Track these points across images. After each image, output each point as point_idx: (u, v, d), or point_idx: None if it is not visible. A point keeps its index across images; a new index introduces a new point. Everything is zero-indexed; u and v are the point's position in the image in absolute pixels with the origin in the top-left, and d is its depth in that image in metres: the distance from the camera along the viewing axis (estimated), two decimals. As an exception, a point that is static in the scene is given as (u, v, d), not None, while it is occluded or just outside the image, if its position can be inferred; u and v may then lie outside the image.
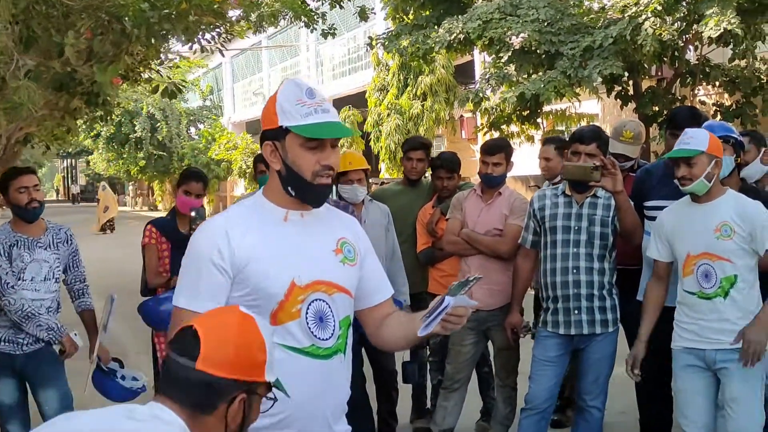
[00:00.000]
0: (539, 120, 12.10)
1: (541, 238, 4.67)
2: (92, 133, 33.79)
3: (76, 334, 4.64)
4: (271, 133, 2.43)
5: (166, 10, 5.86)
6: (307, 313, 2.40)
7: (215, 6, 6.16)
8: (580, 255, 4.51)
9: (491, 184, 5.13)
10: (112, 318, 4.83)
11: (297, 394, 2.30)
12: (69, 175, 67.92)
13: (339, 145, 2.48)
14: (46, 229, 4.74)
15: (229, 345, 1.82)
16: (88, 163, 47.44)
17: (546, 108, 12.14)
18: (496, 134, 11.35)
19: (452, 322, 2.37)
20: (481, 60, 16.12)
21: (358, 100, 22.45)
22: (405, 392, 5.99)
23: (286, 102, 2.39)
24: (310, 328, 2.40)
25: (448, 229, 5.28)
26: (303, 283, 2.40)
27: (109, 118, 8.69)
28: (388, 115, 19.07)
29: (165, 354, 1.85)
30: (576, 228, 4.53)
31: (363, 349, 5.24)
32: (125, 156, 35.23)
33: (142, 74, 7.54)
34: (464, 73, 18.98)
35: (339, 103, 25.05)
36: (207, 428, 1.82)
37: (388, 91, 19.33)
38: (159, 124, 33.46)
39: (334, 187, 5.06)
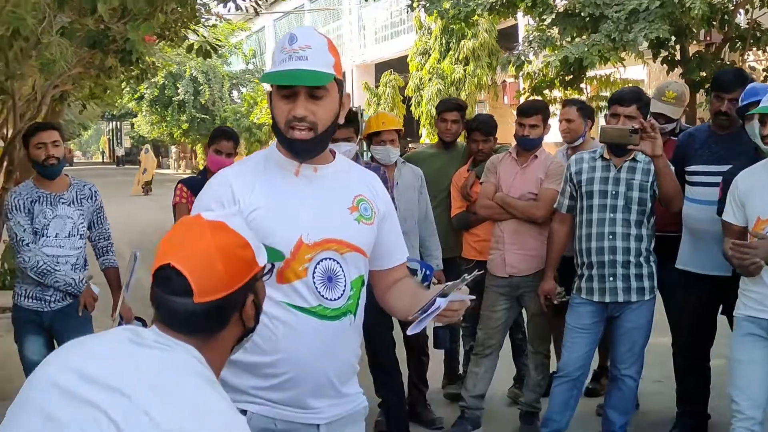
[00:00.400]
0: (583, 85, 11.86)
1: (577, 203, 4.55)
2: (136, 96, 34.00)
3: (88, 281, 4.63)
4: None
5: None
6: (314, 272, 2.29)
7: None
8: (616, 220, 4.39)
9: (527, 146, 5.00)
10: (135, 276, 4.80)
11: (303, 354, 2.26)
12: (114, 138, 68.57)
13: (321, 96, 2.27)
14: (70, 185, 4.71)
15: (215, 266, 1.70)
16: (132, 125, 47.79)
17: (590, 73, 11.89)
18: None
19: (447, 316, 2.31)
20: (525, 24, 15.84)
21: (400, 65, 22.26)
22: (437, 358, 5.93)
23: (275, 50, 2.30)
24: (317, 287, 2.29)
25: (481, 193, 5.17)
26: (312, 240, 2.29)
27: (145, 77, 8.65)
28: (430, 79, 18.89)
29: (153, 293, 1.73)
30: (613, 193, 4.40)
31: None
32: (168, 119, 35.38)
33: (177, 33, 7.47)
34: (508, 38, 18.68)
35: (381, 68, 24.92)
36: (224, 341, 1.78)
37: (430, 56, 19.12)
38: (202, 87, 33.52)
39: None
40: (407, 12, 12.62)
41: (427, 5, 11.86)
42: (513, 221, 4.99)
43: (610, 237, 4.38)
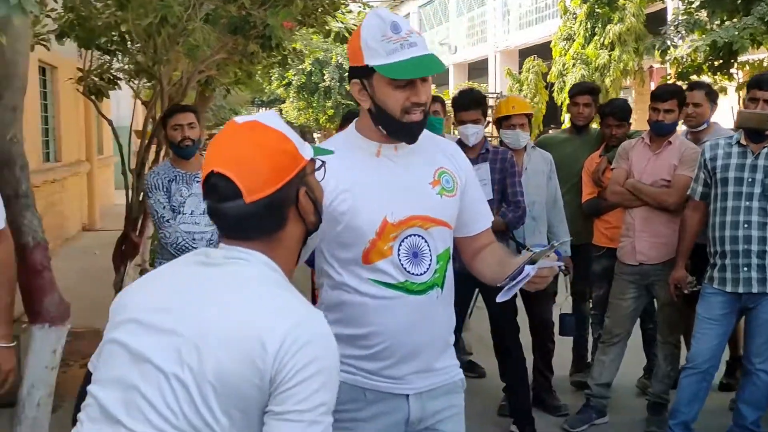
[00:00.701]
0: (733, 71, 11.37)
1: (712, 190, 4.41)
2: (284, 82, 34.90)
3: None
4: (358, 71, 2.32)
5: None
6: (399, 250, 2.33)
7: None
8: (752, 209, 4.23)
9: (661, 132, 4.87)
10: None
11: (393, 327, 2.32)
12: (264, 123, 70.67)
13: (427, 80, 2.30)
14: None
15: (257, 163, 1.68)
16: (280, 111, 49.08)
17: (742, 58, 11.39)
18: (685, 86, 10.78)
19: (536, 282, 2.30)
20: (673, 7, 15.31)
21: (544, 50, 21.94)
22: (566, 345, 5.89)
23: (370, 38, 2.25)
24: (402, 264, 2.33)
25: (612, 179, 5.08)
26: (396, 219, 2.33)
27: (287, 63, 8.87)
28: (573, 65, 18.50)
29: (209, 205, 1.75)
30: (749, 180, 4.24)
31: (519, 299, 5.18)
32: (315, 105, 36.12)
33: (318, 20, 7.64)
34: (656, 22, 18.04)
35: (524, 53, 24.62)
36: (288, 239, 1.77)
37: (574, 41, 18.74)
38: (347, 73, 34.03)
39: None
40: (550, -4, 12.44)
41: (571, -11, 11.66)
42: (644, 208, 4.89)
43: (746, 226, 4.23)
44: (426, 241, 2.37)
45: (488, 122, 5.38)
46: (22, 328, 5.26)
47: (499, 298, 2.36)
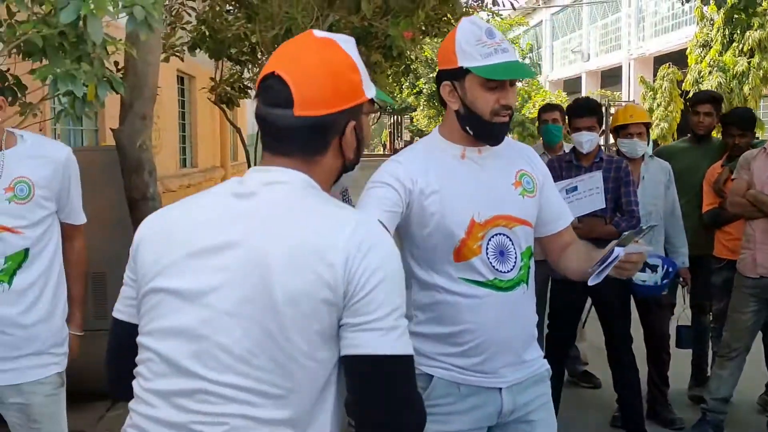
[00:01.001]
0: None
1: (835, 202, 4.27)
2: (414, 90, 35.22)
3: None
4: (450, 73, 2.43)
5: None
6: (487, 248, 2.43)
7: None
8: None
9: (785, 142, 4.74)
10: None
11: (483, 324, 2.42)
12: (395, 131, 71.33)
13: (513, 85, 2.44)
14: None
15: (320, 80, 1.61)
16: (411, 119, 49.51)
17: None
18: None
19: (626, 268, 2.36)
20: (817, 12, 14.66)
21: (680, 58, 21.37)
22: (685, 359, 5.78)
23: (465, 42, 2.38)
24: (491, 262, 2.43)
25: (733, 190, 4.97)
26: (482, 219, 2.42)
27: (409, 72, 9.04)
28: (710, 72, 17.97)
29: (257, 109, 1.69)
30: None
31: (635, 310, 5.13)
32: (444, 113, 36.29)
33: (440, 30, 7.77)
34: (799, 27, 17.36)
35: (659, 61, 24.04)
36: (324, 168, 1.68)
37: (711, 48, 18.19)
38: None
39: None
40: (682, 4, 12.13)
41: (705, -5, 11.39)
42: (765, 220, 4.75)
43: None
44: (511, 240, 2.47)
45: (603, 130, 5.35)
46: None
47: (591, 282, 2.42)
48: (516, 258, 2.47)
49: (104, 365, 1.78)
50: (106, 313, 5.72)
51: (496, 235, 2.45)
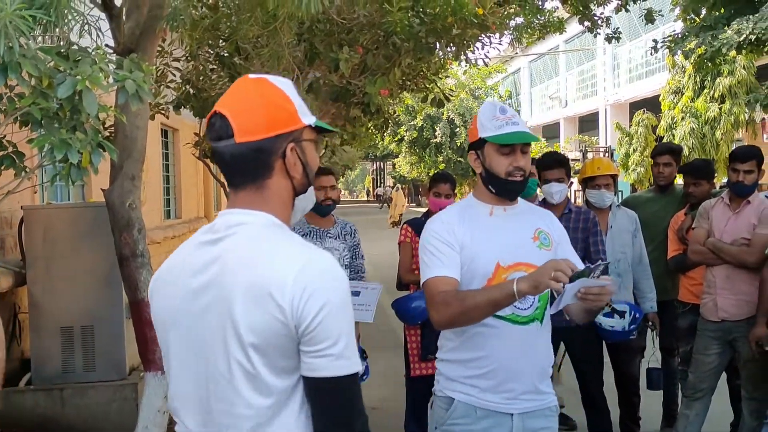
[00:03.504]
0: None
1: (789, 249, 4.52)
2: (396, 138, 35.60)
3: None
4: (474, 144, 3.01)
5: (433, 25, 6.30)
6: None
7: (480, 19, 6.49)
8: (828, 267, 4.31)
9: (741, 192, 4.99)
10: (374, 306, 5.31)
11: (499, 352, 2.88)
12: (378, 177, 71.80)
13: (526, 152, 2.97)
14: (335, 222, 5.40)
15: (255, 110, 1.85)
16: (393, 166, 49.89)
17: None
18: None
19: (590, 300, 2.63)
20: (783, 59, 15.13)
21: (653, 104, 21.84)
22: (656, 400, 5.98)
23: (484, 118, 2.96)
24: None
25: (693, 238, 5.22)
26: (506, 264, 2.89)
27: (388, 126, 9.33)
28: (683, 118, 18.41)
29: (212, 148, 1.94)
30: (825, 239, 4.33)
31: (606, 354, 5.35)
32: (426, 159, 36.70)
33: (417, 84, 8.06)
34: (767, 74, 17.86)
35: (634, 107, 24.50)
36: (276, 191, 1.89)
37: (683, 94, 18.66)
38: (458, 129, 34.52)
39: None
40: (651, 53, 12.49)
41: (672, 46, 11.75)
42: (725, 266, 4.99)
43: (822, 284, 4.32)
44: None
45: (571, 182, 5.61)
46: (139, 376, 5.75)
47: (550, 312, 2.86)
48: (534, 298, 2.90)
49: None
50: (94, 366, 5.91)
51: None
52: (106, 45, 4.31)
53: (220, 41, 6.61)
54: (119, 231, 4.29)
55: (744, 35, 10.26)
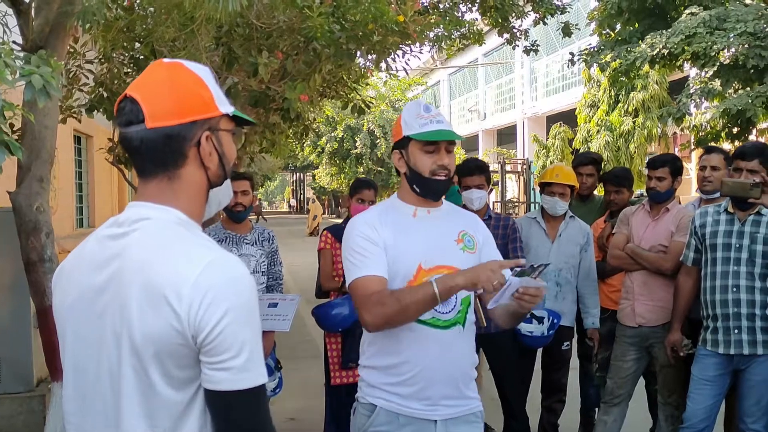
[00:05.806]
0: (752, 138, 11.56)
1: (702, 256, 4.59)
2: (317, 149, 35.53)
3: None
4: (398, 144, 2.98)
5: (354, 31, 6.25)
6: None
7: (401, 27, 6.47)
8: (740, 273, 4.39)
9: (656, 199, 5.07)
10: (292, 316, 5.22)
11: (420, 357, 2.82)
12: (298, 188, 71.50)
13: (451, 151, 2.95)
14: (252, 228, 5.29)
15: (167, 94, 1.73)
16: (313, 176, 49.78)
17: (762, 125, 11.58)
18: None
19: (525, 300, 2.62)
20: (693, 76, 15.58)
21: (570, 117, 22.26)
22: (574, 406, 6.02)
23: (408, 117, 2.94)
24: None
25: (612, 244, 5.28)
26: (428, 266, 2.85)
27: (307, 134, 9.26)
28: (598, 131, 18.81)
29: (119, 134, 1.81)
30: (737, 246, 4.42)
31: (538, 362, 5.39)
32: (346, 170, 36.73)
33: (338, 92, 8.00)
34: (679, 89, 18.33)
35: (551, 120, 24.91)
36: (188, 181, 1.79)
37: (598, 108, 19.07)
38: (378, 140, 34.64)
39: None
40: (568, 66, 12.74)
41: (588, 59, 11.98)
42: (643, 272, 5.06)
43: (734, 289, 4.39)
44: None
45: (491, 189, 5.62)
46: (47, 387, 5.53)
47: (489, 306, 2.78)
48: (456, 302, 2.88)
49: None
50: (0, 377, 5.67)
51: None
52: (14, 42, 4.14)
53: (136, 43, 6.44)
54: (26, 235, 4.11)
55: (657, 49, 10.55)
